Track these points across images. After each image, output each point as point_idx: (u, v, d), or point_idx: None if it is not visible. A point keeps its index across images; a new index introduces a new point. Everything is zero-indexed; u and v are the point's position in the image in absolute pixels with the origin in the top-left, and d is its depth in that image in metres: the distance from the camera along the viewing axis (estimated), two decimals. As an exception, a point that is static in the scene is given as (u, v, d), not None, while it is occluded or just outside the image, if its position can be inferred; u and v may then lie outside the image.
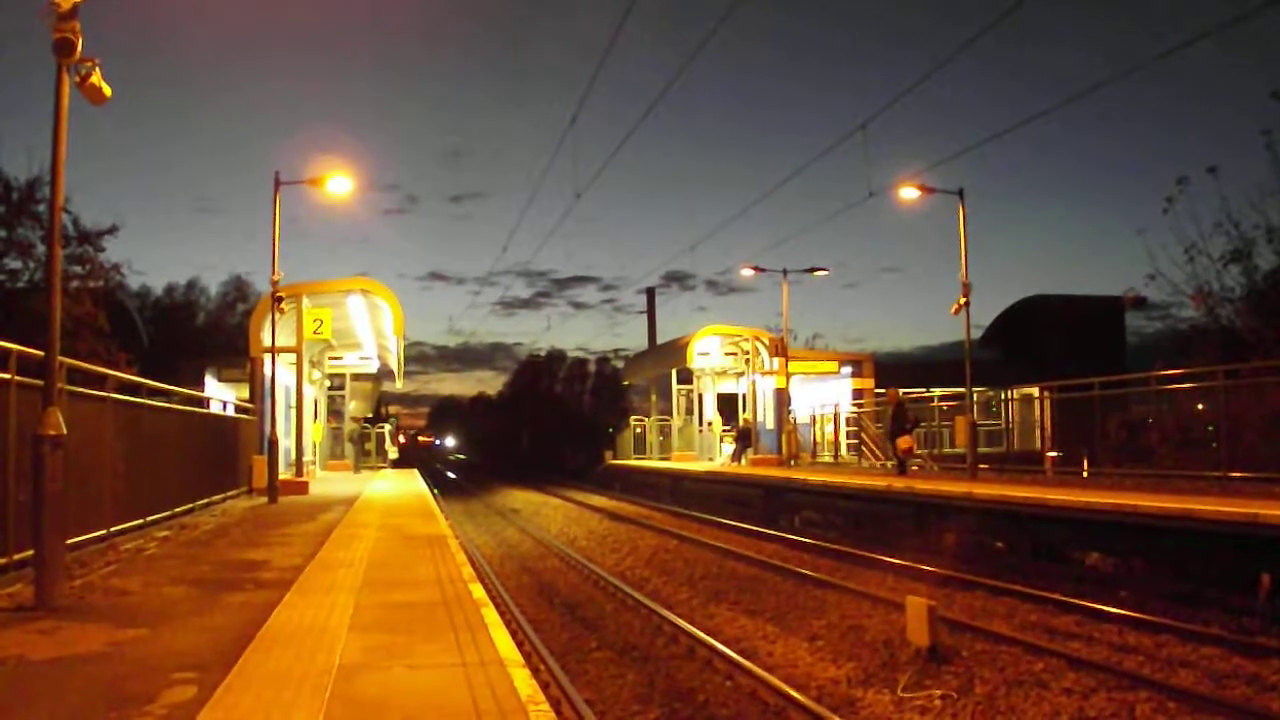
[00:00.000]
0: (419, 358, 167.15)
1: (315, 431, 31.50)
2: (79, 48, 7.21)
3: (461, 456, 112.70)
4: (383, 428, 42.97)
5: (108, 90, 7.67)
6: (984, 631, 9.91)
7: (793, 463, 30.33)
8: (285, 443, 24.53)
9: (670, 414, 41.38)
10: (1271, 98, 21.42)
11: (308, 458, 25.61)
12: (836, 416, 32.81)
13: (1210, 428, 17.59)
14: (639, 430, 43.98)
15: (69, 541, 7.93)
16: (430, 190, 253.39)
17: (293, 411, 25.07)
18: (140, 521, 11.91)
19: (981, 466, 22.00)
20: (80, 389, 10.01)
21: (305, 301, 22.96)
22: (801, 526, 21.39)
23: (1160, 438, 19.31)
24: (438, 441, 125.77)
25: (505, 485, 40.77)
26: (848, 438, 32.31)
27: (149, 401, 13.09)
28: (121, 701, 4.59)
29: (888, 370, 39.88)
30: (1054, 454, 21.64)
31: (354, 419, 39.38)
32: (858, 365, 38.13)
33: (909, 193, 21.69)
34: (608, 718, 8.12)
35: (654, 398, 43.91)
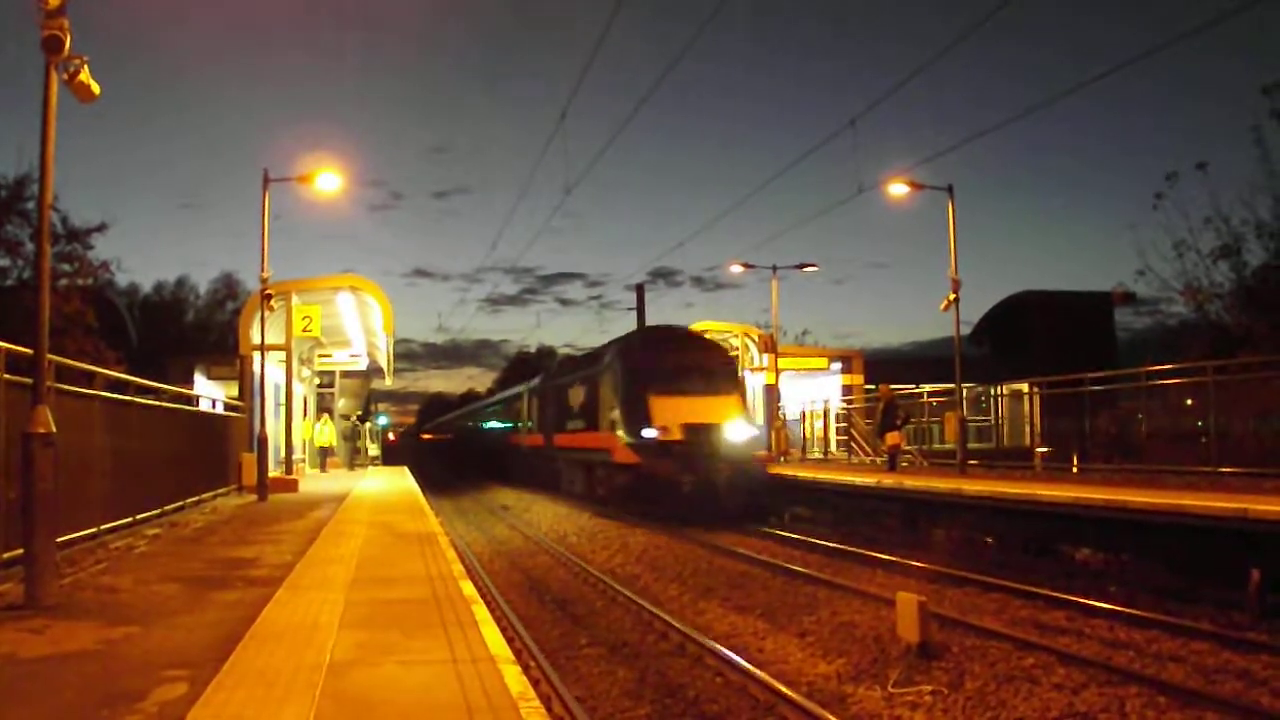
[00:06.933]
0: (406, 355, 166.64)
1: (306, 428, 31.45)
2: (67, 45, 7.19)
3: None
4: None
5: (96, 88, 7.64)
6: (974, 627, 9.94)
7: (782, 459, 30.35)
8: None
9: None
10: (1261, 93, 21.59)
11: (297, 455, 25.57)
12: (826, 413, 32.87)
13: (1200, 423, 17.68)
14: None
15: (59, 540, 7.89)
16: (414, 186, 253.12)
17: (282, 409, 25.02)
18: (130, 519, 11.88)
19: (971, 462, 22.08)
20: (69, 387, 9.98)
21: (294, 299, 22.92)
22: (791, 523, 21.42)
23: (1150, 433, 19.41)
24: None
25: (495, 483, 40.72)
26: (837, 434, 32.37)
27: (138, 399, 13.04)
28: (113, 699, 4.58)
29: (877, 366, 39.95)
30: (1043, 449, 21.73)
31: (344, 416, 39.31)
32: (847, 361, 38.21)
33: (898, 189, 21.73)
34: (598, 714, 8.13)
35: (645, 394, 43.71)
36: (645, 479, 20.82)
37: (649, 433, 20.79)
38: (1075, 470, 19.71)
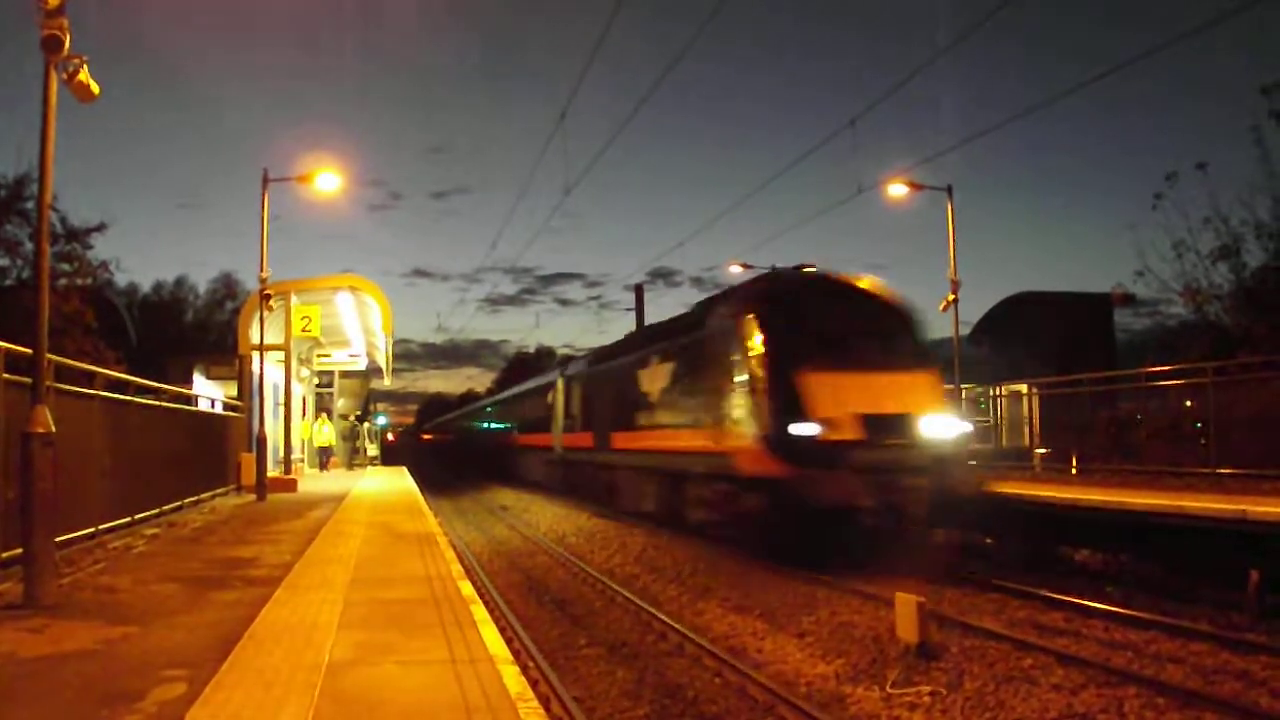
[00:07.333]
0: (405, 355, 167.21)
1: (305, 428, 31.44)
2: (67, 45, 7.19)
3: None
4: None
5: (96, 88, 7.65)
6: (973, 628, 9.93)
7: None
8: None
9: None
10: (1261, 93, 21.54)
11: (296, 455, 25.55)
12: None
13: (1199, 424, 17.69)
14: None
15: (58, 539, 7.90)
16: (414, 186, 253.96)
17: (281, 409, 25.02)
18: (129, 519, 11.88)
19: (970, 462, 22.03)
20: (68, 387, 9.99)
21: (294, 299, 22.89)
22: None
23: (1149, 434, 19.41)
24: None
25: (495, 483, 40.73)
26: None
27: (137, 399, 13.05)
28: (112, 698, 4.58)
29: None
30: (1042, 450, 21.70)
31: (343, 416, 39.33)
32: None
33: (898, 189, 21.75)
34: (597, 714, 8.13)
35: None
36: (795, 502, 13.11)
37: (803, 428, 13.29)
38: (1074, 471, 19.71)
